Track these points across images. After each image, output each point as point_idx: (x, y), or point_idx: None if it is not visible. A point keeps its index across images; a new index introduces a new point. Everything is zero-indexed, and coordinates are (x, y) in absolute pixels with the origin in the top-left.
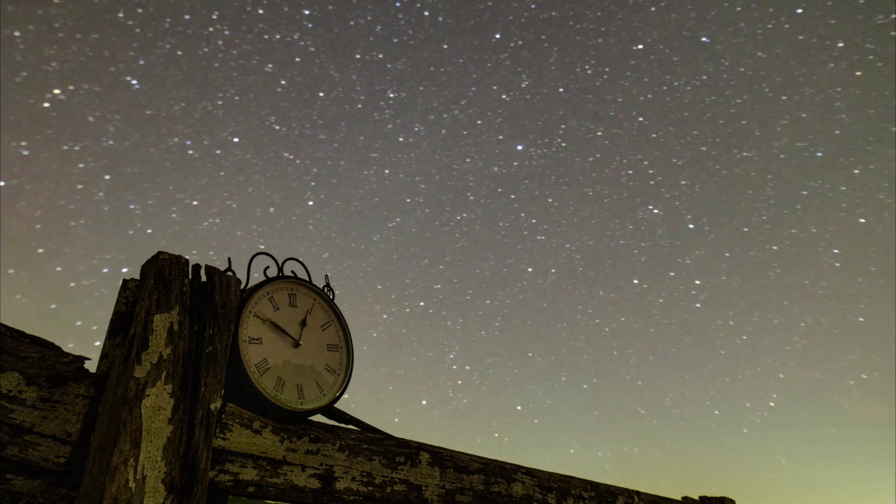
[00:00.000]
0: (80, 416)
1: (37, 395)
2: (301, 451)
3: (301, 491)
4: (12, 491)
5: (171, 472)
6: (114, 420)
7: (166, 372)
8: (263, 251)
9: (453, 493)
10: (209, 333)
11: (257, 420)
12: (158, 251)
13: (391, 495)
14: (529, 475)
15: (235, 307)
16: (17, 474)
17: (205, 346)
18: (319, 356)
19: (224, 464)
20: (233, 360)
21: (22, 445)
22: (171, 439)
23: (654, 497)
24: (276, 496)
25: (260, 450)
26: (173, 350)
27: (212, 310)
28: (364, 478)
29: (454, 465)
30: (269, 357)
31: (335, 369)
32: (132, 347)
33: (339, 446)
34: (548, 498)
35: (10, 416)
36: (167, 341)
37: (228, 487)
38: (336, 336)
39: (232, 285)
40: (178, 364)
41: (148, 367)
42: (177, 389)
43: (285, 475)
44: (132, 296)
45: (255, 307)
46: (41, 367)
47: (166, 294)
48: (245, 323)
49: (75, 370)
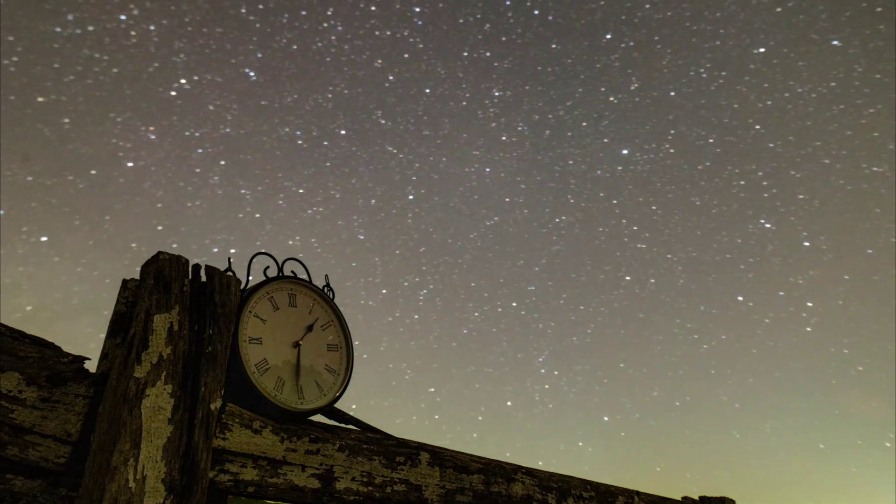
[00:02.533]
0: (80, 416)
1: (37, 395)
2: (301, 451)
3: (301, 491)
4: (12, 491)
5: (171, 472)
6: (114, 420)
7: (166, 372)
8: (263, 251)
9: (453, 493)
10: (209, 333)
11: (257, 420)
12: (158, 251)
13: (391, 495)
14: (529, 475)
15: (235, 307)
16: (17, 474)
17: (205, 346)
18: (319, 356)
19: (224, 464)
20: (233, 360)
21: (22, 445)
22: (171, 439)
23: (654, 497)
24: (276, 496)
25: (260, 450)
26: (173, 350)
27: (212, 310)
28: (364, 478)
29: (454, 465)
30: (269, 357)
31: (335, 369)
32: (132, 347)
33: (339, 446)
34: (548, 498)
35: (10, 416)
36: (167, 341)
37: (228, 487)
38: (336, 336)
39: (232, 285)
40: (178, 364)
41: (148, 367)
42: (177, 389)
43: (285, 475)
44: (132, 296)
45: (255, 307)
46: (41, 367)
47: (166, 294)
48: (245, 323)
49: (75, 370)
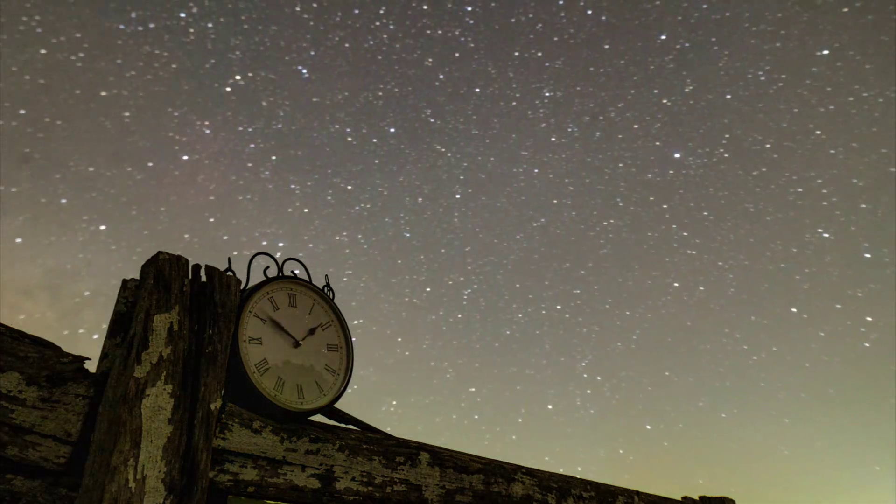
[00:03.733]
0: (80, 416)
1: (37, 395)
2: (301, 451)
3: (301, 491)
4: (12, 491)
5: (171, 472)
6: (114, 420)
7: (166, 372)
8: (263, 251)
9: (453, 493)
10: (209, 333)
11: (257, 420)
12: (158, 251)
13: (391, 495)
14: (529, 475)
15: (235, 307)
16: (17, 474)
17: (205, 346)
18: (319, 356)
19: (224, 464)
20: (233, 360)
21: (22, 445)
22: (171, 439)
23: (654, 497)
24: (275, 496)
25: (260, 450)
26: (173, 350)
27: (212, 310)
28: (364, 478)
29: (454, 465)
30: (269, 357)
31: (335, 369)
32: (132, 347)
33: (339, 446)
34: (548, 498)
35: (10, 416)
36: (167, 341)
37: (228, 487)
38: (336, 336)
39: (232, 285)
40: (178, 364)
41: (148, 367)
42: (177, 389)
43: (285, 475)
44: (132, 296)
45: (255, 307)
46: (41, 367)
47: (166, 294)
48: (245, 323)
49: (75, 370)
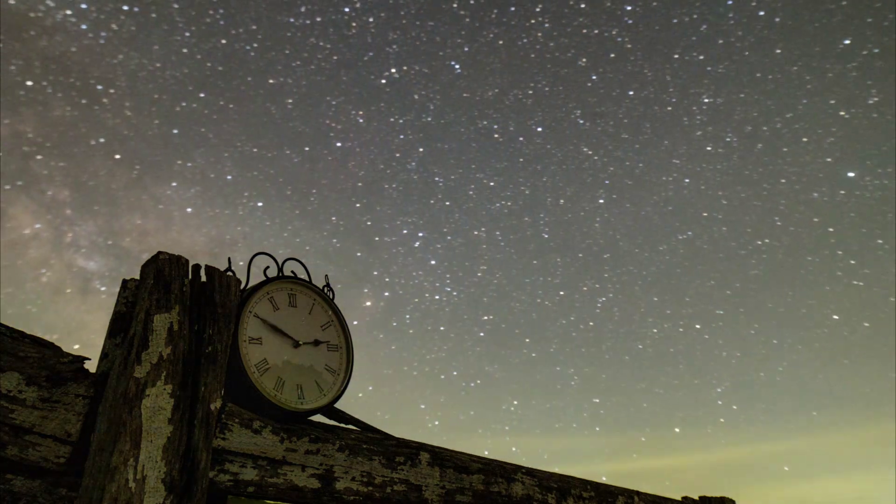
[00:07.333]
0: (80, 416)
1: (37, 395)
2: (301, 451)
3: (301, 491)
4: (12, 491)
5: (171, 472)
6: (114, 420)
7: (166, 372)
8: (264, 251)
9: (453, 493)
10: (209, 333)
11: (257, 420)
12: (158, 251)
13: (391, 495)
14: (529, 475)
15: (235, 307)
16: (17, 474)
17: (205, 346)
18: (319, 356)
19: (224, 464)
20: (233, 359)
21: (22, 445)
22: (171, 439)
23: (653, 497)
24: (275, 496)
25: (260, 450)
26: (173, 350)
27: (212, 310)
28: (364, 478)
29: (454, 465)
30: (269, 357)
31: (335, 369)
32: (132, 347)
33: (339, 446)
34: (547, 498)
35: (10, 416)
36: (167, 341)
37: (228, 487)
38: (336, 336)
39: (232, 285)
40: (178, 364)
41: (148, 367)
42: (177, 389)
43: (285, 475)
44: (132, 296)
45: (255, 307)
46: (41, 367)
47: (166, 294)
48: (245, 323)
49: (75, 370)
